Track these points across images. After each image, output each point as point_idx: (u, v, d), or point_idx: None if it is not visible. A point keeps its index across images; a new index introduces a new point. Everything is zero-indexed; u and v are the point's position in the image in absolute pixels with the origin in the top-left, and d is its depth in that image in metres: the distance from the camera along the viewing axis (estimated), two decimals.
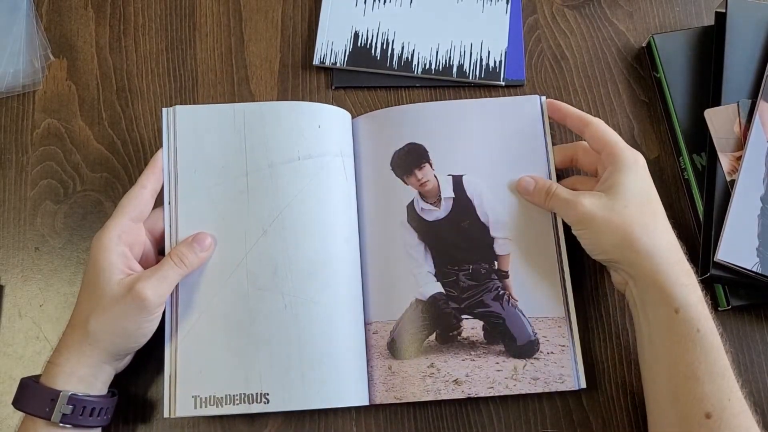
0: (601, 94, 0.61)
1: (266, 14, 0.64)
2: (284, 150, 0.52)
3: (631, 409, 0.52)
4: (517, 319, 0.51)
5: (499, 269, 0.52)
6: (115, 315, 0.45)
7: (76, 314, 0.47)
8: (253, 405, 0.48)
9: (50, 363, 0.45)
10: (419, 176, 0.54)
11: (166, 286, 0.47)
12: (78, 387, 0.45)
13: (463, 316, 0.51)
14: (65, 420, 0.44)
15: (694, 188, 0.55)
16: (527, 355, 0.50)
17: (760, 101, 0.53)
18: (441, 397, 0.49)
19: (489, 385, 0.49)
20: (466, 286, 0.52)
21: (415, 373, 0.50)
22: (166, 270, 0.47)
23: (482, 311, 0.51)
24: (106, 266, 0.46)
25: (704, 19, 0.63)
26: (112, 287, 0.45)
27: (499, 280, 0.52)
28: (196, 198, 0.51)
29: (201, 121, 0.53)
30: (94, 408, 0.45)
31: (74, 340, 0.45)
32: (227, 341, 0.49)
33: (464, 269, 0.52)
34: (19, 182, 0.58)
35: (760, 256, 0.49)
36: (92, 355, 0.45)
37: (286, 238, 0.51)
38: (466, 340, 0.51)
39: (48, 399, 0.44)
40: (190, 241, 0.49)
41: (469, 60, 0.61)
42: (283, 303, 0.50)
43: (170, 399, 0.48)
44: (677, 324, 0.43)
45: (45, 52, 0.62)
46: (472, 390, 0.49)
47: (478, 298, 0.51)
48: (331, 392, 0.49)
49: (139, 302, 0.45)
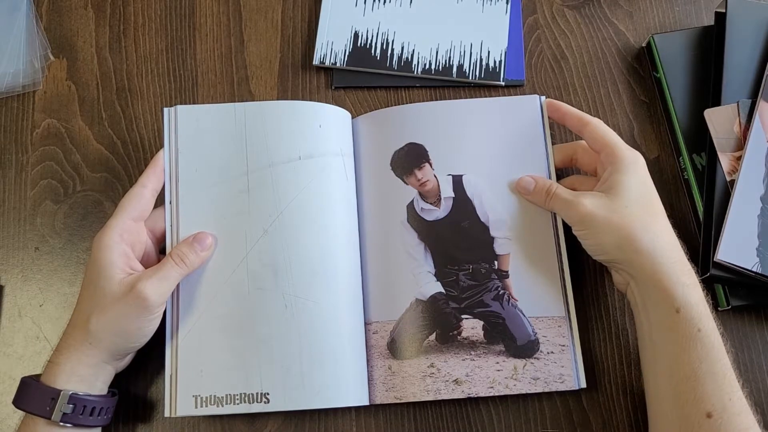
0: (601, 94, 0.61)
1: (266, 14, 0.64)
2: (285, 150, 0.52)
3: (631, 409, 0.52)
4: (517, 319, 0.51)
5: (499, 269, 0.52)
6: (116, 315, 0.45)
7: (76, 313, 0.47)
8: (253, 405, 0.48)
9: (51, 362, 0.45)
10: (419, 176, 0.54)
11: (167, 286, 0.47)
12: (79, 386, 0.45)
13: (463, 316, 0.51)
14: (65, 419, 0.44)
15: (694, 188, 0.55)
16: (527, 354, 0.50)
17: (760, 101, 0.53)
18: (441, 396, 0.49)
19: (489, 385, 0.49)
20: (466, 286, 0.52)
21: (416, 373, 0.50)
22: (167, 270, 0.47)
23: (482, 311, 0.51)
24: (107, 265, 0.46)
25: (704, 19, 0.63)
26: (113, 287, 0.45)
27: (499, 280, 0.51)
28: (197, 197, 0.51)
29: (202, 121, 0.53)
30: (95, 407, 0.45)
31: (75, 339, 0.45)
32: (228, 341, 0.49)
33: (464, 269, 0.52)
34: (19, 182, 0.58)
35: (760, 256, 0.49)
36: (93, 354, 0.45)
37: (287, 237, 0.51)
38: (466, 340, 0.51)
39: (48, 398, 0.44)
40: (191, 241, 0.49)
41: (469, 60, 0.61)
42: (283, 303, 0.50)
43: (171, 398, 0.48)
44: (678, 323, 0.43)
45: (45, 52, 0.62)
46: (472, 390, 0.49)
47: (478, 297, 0.51)
48: (332, 392, 0.49)
49: (140, 302, 0.45)
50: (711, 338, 0.43)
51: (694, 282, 0.45)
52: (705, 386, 0.42)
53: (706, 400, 0.42)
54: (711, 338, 0.43)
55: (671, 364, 0.44)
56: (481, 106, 0.55)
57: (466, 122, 0.54)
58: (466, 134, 0.54)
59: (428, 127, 0.54)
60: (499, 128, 0.54)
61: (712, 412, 0.41)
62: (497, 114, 0.55)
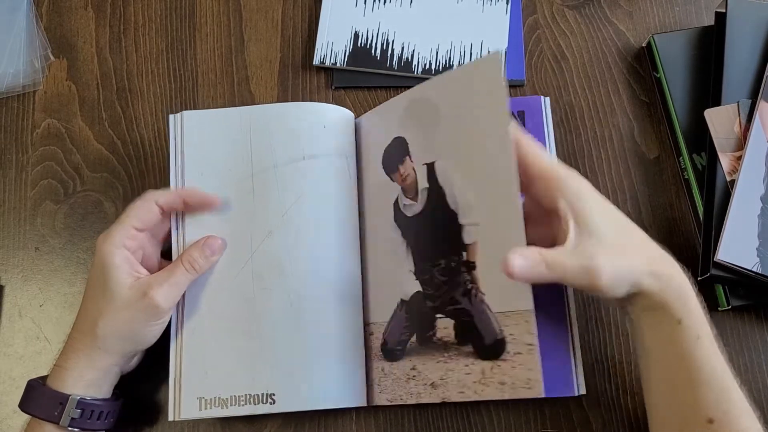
0: (601, 94, 0.61)
1: (266, 14, 0.64)
2: (289, 150, 0.52)
3: (631, 409, 0.52)
4: (484, 315, 0.45)
5: (467, 260, 0.46)
6: (125, 319, 0.45)
7: (81, 317, 0.46)
8: (258, 406, 0.48)
9: (57, 366, 0.45)
10: (402, 171, 0.52)
11: (177, 291, 0.47)
12: (86, 391, 0.45)
13: (438, 315, 0.48)
14: (73, 424, 0.44)
15: (694, 188, 0.55)
16: (494, 355, 0.45)
17: (760, 101, 0.53)
18: (422, 400, 0.47)
19: (459, 389, 0.46)
20: (439, 283, 0.48)
21: (401, 376, 0.49)
22: (177, 276, 0.47)
23: (453, 308, 0.47)
24: (114, 269, 0.46)
25: (704, 19, 0.63)
26: (123, 291, 0.45)
27: (468, 273, 0.46)
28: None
29: (207, 126, 0.53)
30: (101, 412, 0.45)
31: (82, 344, 0.45)
32: (233, 342, 0.49)
33: (438, 264, 0.48)
34: (19, 182, 0.58)
35: (760, 256, 0.49)
36: (101, 359, 0.45)
37: (292, 238, 0.51)
38: (440, 341, 0.48)
39: (57, 403, 0.44)
40: (201, 245, 0.49)
41: (469, 60, 0.60)
42: (288, 303, 0.50)
43: (175, 401, 0.48)
44: (680, 333, 0.42)
45: (45, 52, 0.62)
46: (446, 394, 0.46)
47: (449, 294, 0.47)
48: (335, 393, 0.49)
49: (152, 309, 0.45)
50: (709, 344, 0.42)
51: (689, 287, 0.44)
52: (705, 392, 0.41)
53: (706, 406, 0.41)
54: (709, 344, 0.42)
55: (671, 372, 0.43)
56: (442, 83, 0.50)
57: (435, 104, 0.50)
58: (438, 117, 0.49)
59: (410, 117, 0.51)
60: (462, 103, 0.48)
61: (713, 417, 0.41)
62: (458, 89, 0.48)
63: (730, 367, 0.43)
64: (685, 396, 0.42)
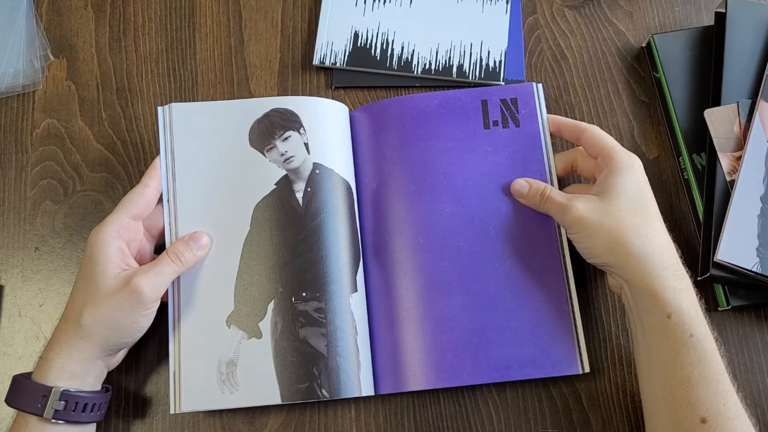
0: (601, 94, 0.61)
1: (266, 14, 0.64)
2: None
3: (631, 409, 0.52)
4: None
5: None
6: (110, 308, 0.45)
7: (69, 307, 0.46)
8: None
9: (42, 358, 0.45)
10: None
11: (161, 282, 0.47)
12: (70, 382, 0.45)
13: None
14: (58, 416, 0.43)
15: (694, 188, 0.55)
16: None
17: (760, 101, 0.53)
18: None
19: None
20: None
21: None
22: (162, 266, 0.47)
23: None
24: (103, 259, 0.46)
25: (704, 19, 0.63)
26: (108, 281, 0.45)
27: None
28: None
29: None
30: (87, 403, 0.45)
31: (67, 334, 0.45)
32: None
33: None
34: (19, 182, 0.58)
35: (760, 256, 0.49)
36: (84, 349, 0.45)
37: None
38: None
39: (40, 395, 0.43)
40: (187, 239, 0.49)
41: (469, 60, 0.61)
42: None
43: (175, 395, 0.48)
44: (670, 329, 0.43)
45: (45, 52, 0.62)
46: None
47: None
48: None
49: (136, 296, 0.45)
50: (704, 343, 0.43)
51: (686, 286, 0.44)
52: (699, 392, 0.42)
53: (700, 406, 0.41)
54: (704, 343, 0.43)
55: (665, 370, 0.43)
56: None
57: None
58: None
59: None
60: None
61: (706, 417, 0.41)
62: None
63: (728, 370, 0.43)
64: (678, 394, 0.42)
